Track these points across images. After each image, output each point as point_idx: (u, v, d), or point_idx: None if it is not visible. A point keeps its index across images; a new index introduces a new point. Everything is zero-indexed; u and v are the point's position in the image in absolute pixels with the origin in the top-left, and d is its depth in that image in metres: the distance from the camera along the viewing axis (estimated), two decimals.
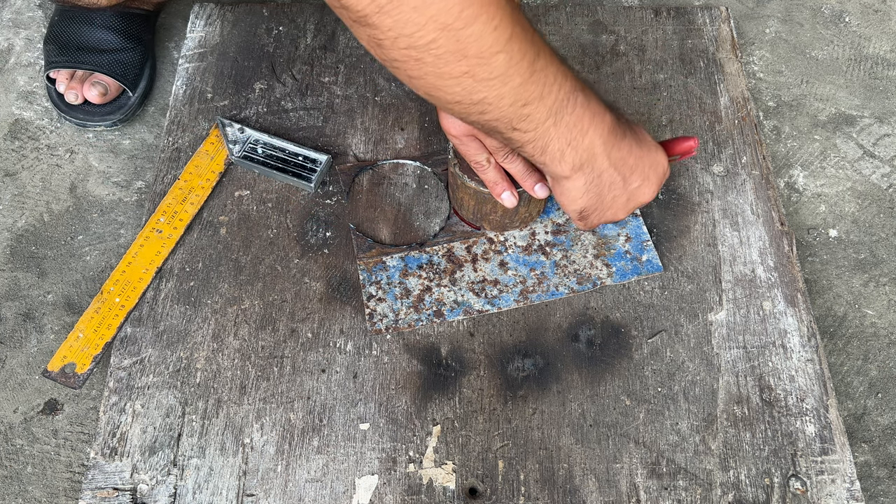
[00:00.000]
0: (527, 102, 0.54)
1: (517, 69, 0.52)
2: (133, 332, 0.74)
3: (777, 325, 0.76)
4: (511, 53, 0.51)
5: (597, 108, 0.59)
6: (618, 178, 0.63)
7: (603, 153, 0.61)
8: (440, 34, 0.48)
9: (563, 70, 0.56)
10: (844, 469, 0.69)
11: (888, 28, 1.05)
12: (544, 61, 0.54)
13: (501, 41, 0.50)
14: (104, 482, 0.67)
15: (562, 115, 0.57)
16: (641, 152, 0.64)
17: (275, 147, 0.85)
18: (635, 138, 0.64)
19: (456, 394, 0.72)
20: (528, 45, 0.52)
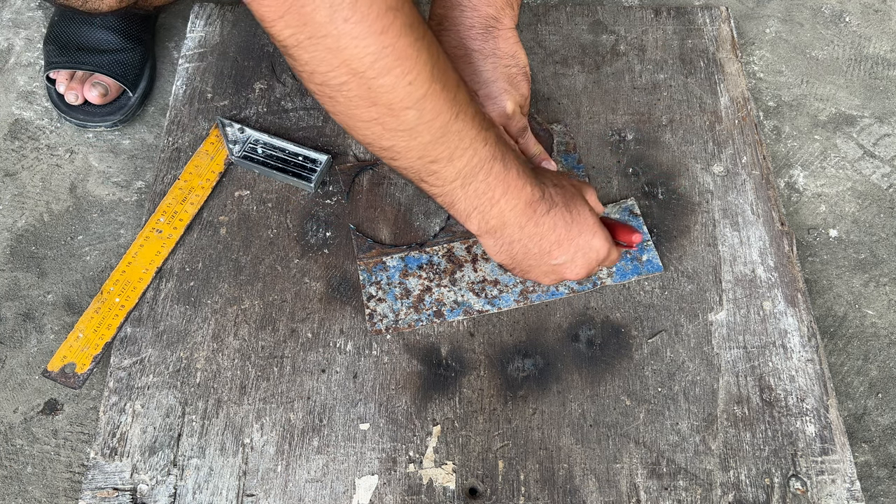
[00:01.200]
0: (434, 160, 0.54)
1: (427, 127, 0.52)
2: (133, 332, 0.74)
3: (777, 325, 0.76)
4: (422, 111, 0.50)
5: (515, 180, 0.58)
6: (533, 249, 0.62)
7: (515, 224, 0.60)
8: (352, 79, 0.48)
9: (484, 136, 0.55)
10: (845, 469, 0.69)
11: (888, 28, 1.05)
12: (462, 124, 0.53)
13: (414, 97, 0.49)
14: (104, 482, 0.67)
15: (471, 181, 0.56)
16: (569, 233, 0.62)
17: (275, 147, 0.85)
18: (565, 217, 0.61)
19: (456, 394, 0.72)
20: (444, 106, 0.51)
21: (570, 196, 0.62)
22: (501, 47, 0.66)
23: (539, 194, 0.60)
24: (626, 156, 0.86)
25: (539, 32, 0.96)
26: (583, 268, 0.64)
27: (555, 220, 0.61)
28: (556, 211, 0.61)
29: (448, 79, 0.51)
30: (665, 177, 0.85)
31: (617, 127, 0.89)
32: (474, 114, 0.54)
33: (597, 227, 0.63)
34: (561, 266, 0.64)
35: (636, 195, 0.83)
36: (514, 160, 0.58)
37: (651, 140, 0.88)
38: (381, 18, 0.46)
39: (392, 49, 0.47)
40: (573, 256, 0.63)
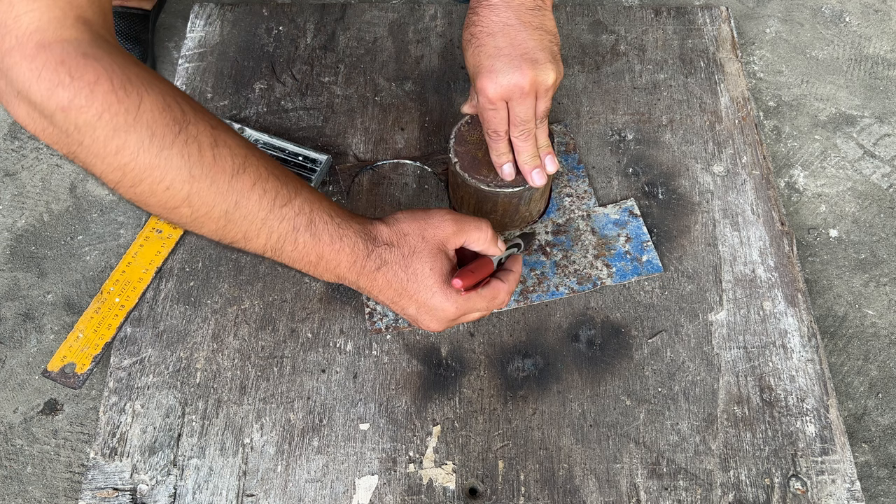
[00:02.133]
0: (234, 241, 0.57)
1: (206, 218, 0.55)
2: (133, 332, 0.74)
3: (777, 325, 0.76)
4: (193, 207, 0.54)
5: (328, 246, 0.59)
6: (384, 301, 0.64)
7: (350, 279, 0.62)
8: (122, 178, 0.52)
9: (280, 213, 0.57)
10: (845, 469, 0.69)
11: (888, 28, 1.05)
12: (245, 210, 0.55)
13: (178, 198, 0.53)
14: (104, 482, 0.67)
15: (280, 252, 0.59)
16: (406, 290, 0.62)
17: (275, 147, 0.85)
18: (398, 275, 0.62)
19: (456, 394, 0.72)
20: (216, 199, 0.54)
21: (409, 253, 0.62)
22: (547, 24, 0.68)
23: (364, 254, 0.61)
24: (626, 156, 0.86)
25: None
26: (434, 322, 0.64)
27: (387, 278, 0.62)
28: (387, 269, 0.62)
29: (218, 172, 0.53)
30: (665, 177, 0.85)
31: (617, 127, 0.89)
32: (261, 196, 0.55)
33: (435, 287, 0.62)
34: (415, 318, 0.64)
35: (636, 195, 0.83)
36: (327, 226, 0.59)
37: (651, 140, 0.88)
38: (111, 141, 0.49)
39: (132, 166, 0.50)
40: (418, 311, 0.63)
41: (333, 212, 0.60)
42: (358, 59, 0.93)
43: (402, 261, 0.62)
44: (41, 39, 0.47)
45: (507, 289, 0.66)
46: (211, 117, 0.54)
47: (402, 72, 0.92)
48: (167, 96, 0.51)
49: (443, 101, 0.90)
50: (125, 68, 0.49)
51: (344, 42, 0.94)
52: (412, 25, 0.96)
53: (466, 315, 0.65)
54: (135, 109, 0.49)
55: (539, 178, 0.71)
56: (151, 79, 0.51)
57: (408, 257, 0.62)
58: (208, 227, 0.56)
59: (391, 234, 0.63)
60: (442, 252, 0.63)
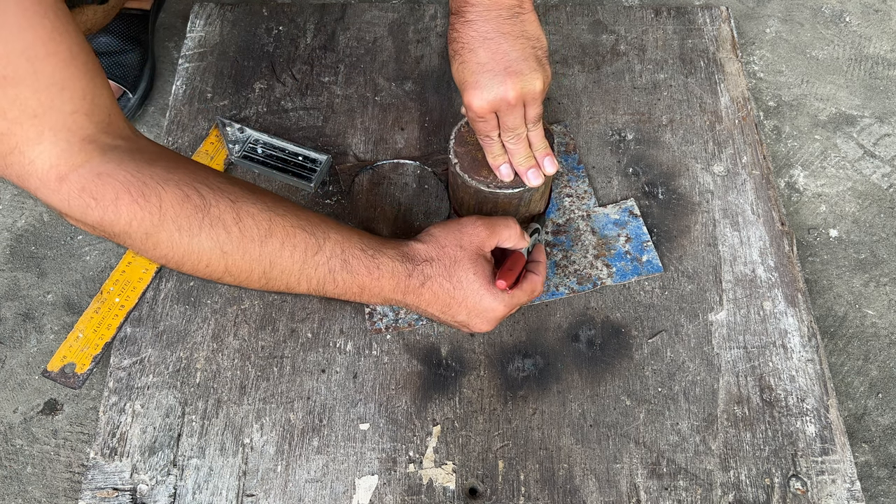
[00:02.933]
0: (280, 290, 0.63)
1: (249, 281, 0.61)
2: (133, 332, 0.74)
3: (777, 325, 0.76)
4: (234, 274, 0.60)
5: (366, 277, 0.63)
6: (434, 313, 0.67)
7: (400, 299, 0.66)
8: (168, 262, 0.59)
9: (314, 262, 0.61)
10: (845, 469, 0.69)
11: (888, 28, 1.05)
12: (281, 269, 0.61)
13: (219, 271, 0.59)
14: (104, 482, 0.67)
15: (324, 292, 0.64)
16: (454, 299, 0.65)
17: (275, 147, 0.85)
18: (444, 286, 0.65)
19: (456, 394, 0.72)
20: (250, 265, 0.59)
21: (449, 265, 0.65)
22: (528, 30, 0.68)
23: (406, 274, 0.64)
24: (626, 156, 0.86)
25: None
26: (486, 323, 0.67)
27: (434, 291, 0.65)
28: (431, 283, 0.65)
29: (247, 242, 0.58)
30: (665, 177, 0.85)
31: (617, 127, 0.89)
32: (292, 252, 0.60)
33: (483, 290, 0.65)
34: (466, 323, 0.67)
35: (636, 195, 0.83)
36: (361, 260, 0.63)
37: (651, 140, 0.88)
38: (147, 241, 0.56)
39: (171, 255, 0.57)
40: (469, 316, 0.66)
41: (365, 244, 0.64)
42: (358, 59, 0.93)
43: (445, 272, 0.65)
44: (58, 174, 0.52)
45: (541, 279, 0.69)
46: (231, 189, 0.58)
47: (402, 72, 0.92)
48: (184, 186, 0.56)
49: (443, 101, 0.90)
50: (139, 173, 0.54)
51: (344, 42, 0.94)
52: (412, 25, 0.96)
53: (512, 310, 0.68)
54: (157, 211, 0.55)
55: (535, 177, 0.71)
56: (167, 173, 0.55)
57: (450, 268, 0.65)
58: (253, 285, 0.62)
59: (429, 250, 0.66)
60: (481, 256, 0.66)
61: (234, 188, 0.59)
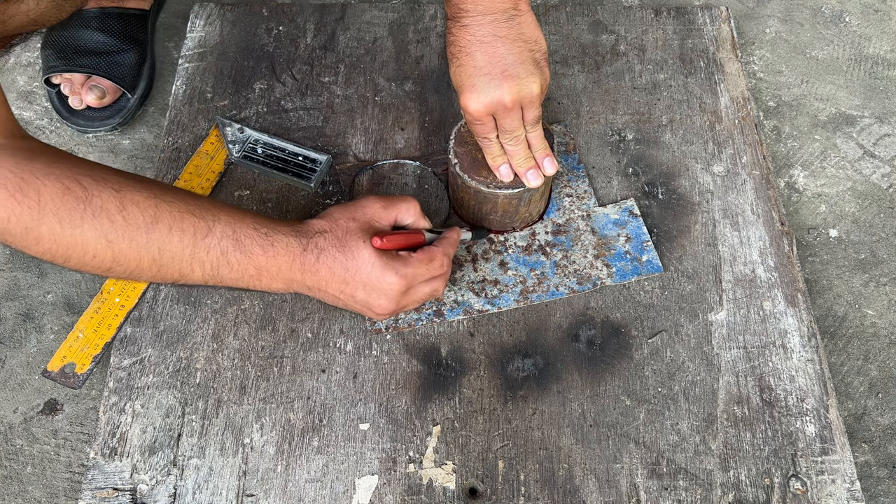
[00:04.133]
0: (175, 280, 0.61)
1: (140, 270, 0.59)
2: (133, 332, 0.74)
3: (777, 325, 0.76)
4: (122, 264, 0.58)
5: (261, 256, 0.62)
6: (334, 293, 0.65)
7: (295, 280, 0.64)
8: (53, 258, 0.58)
9: (205, 245, 0.60)
10: (845, 469, 0.69)
11: (888, 28, 1.05)
12: (171, 254, 0.59)
13: (106, 263, 0.58)
14: (104, 482, 0.67)
15: (221, 277, 0.62)
16: (348, 272, 0.64)
17: (275, 147, 0.85)
18: (337, 258, 0.63)
19: (456, 394, 0.72)
20: (138, 253, 0.58)
21: (341, 235, 0.64)
22: (525, 32, 0.68)
23: (300, 249, 0.63)
24: (626, 156, 0.86)
25: None
26: (385, 298, 0.65)
27: (329, 266, 0.63)
28: (325, 256, 0.63)
29: (132, 230, 0.57)
30: (665, 177, 0.85)
31: (617, 127, 0.89)
32: (180, 237, 0.59)
33: (374, 258, 0.63)
34: (366, 301, 0.65)
35: (636, 195, 0.83)
36: (254, 239, 0.62)
37: (651, 140, 0.88)
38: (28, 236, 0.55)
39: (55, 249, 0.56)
40: (367, 292, 0.65)
41: (258, 223, 0.63)
42: (358, 59, 0.93)
43: (337, 242, 0.64)
44: None
45: (443, 251, 0.67)
46: (116, 179, 0.58)
47: (402, 72, 0.92)
48: (65, 179, 0.55)
49: (443, 101, 0.90)
50: (18, 169, 0.54)
51: (344, 42, 0.94)
52: (412, 25, 0.96)
53: (413, 288, 0.66)
54: (36, 206, 0.54)
55: (534, 178, 0.71)
56: (47, 167, 0.55)
57: (342, 238, 0.64)
58: (146, 275, 0.60)
59: (322, 224, 0.65)
60: (373, 227, 0.65)
61: (119, 178, 0.58)
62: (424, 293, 0.68)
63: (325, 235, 0.64)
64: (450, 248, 0.69)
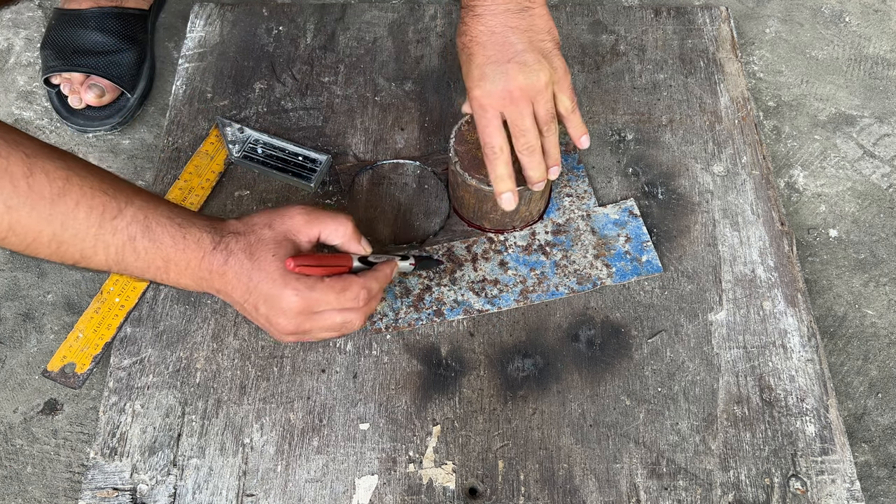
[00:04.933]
0: (76, 261, 0.57)
1: (37, 244, 0.55)
2: (133, 332, 0.74)
3: (777, 325, 0.76)
4: (19, 236, 0.54)
5: (171, 248, 0.58)
6: (239, 300, 0.61)
7: (206, 278, 0.60)
8: None
9: (111, 227, 0.56)
10: (844, 469, 0.69)
11: (888, 28, 1.05)
12: (74, 231, 0.55)
13: (2, 230, 0.53)
14: (104, 482, 0.67)
15: (125, 266, 0.58)
16: (251, 282, 0.60)
17: (275, 147, 0.85)
18: (244, 265, 0.59)
19: (456, 394, 0.72)
20: (37, 226, 0.54)
21: (254, 241, 0.60)
22: (537, 24, 0.68)
23: (211, 246, 0.59)
24: (626, 156, 0.86)
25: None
26: (283, 318, 0.61)
27: (235, 270, 0.60)
28: (234, 260, 0.60)
29: (36, 199, 0.53)
30: (665, 177, 0.85)
31: (617, 127, 0.89)
32: (87, 213, 0.55)
33: (276, 274, 0.59)
34: (268, 317, 0.61)
35: (636, 195, 0.84)
36: (166, 228, 0.58)
37: (651, 140, 0.88)
38: None
39: None
40: (267, 306, 0.61)
41: (174, 213, 0.59)
42: (358, 59, 0.93)
43: (247, 248, 0.60)
44: None
45: (364, 283, 0.62)
46: (29, 145, 0.54)
47: (402, 72, 0.92)
48: None
49: (443, 101, 0.90)
50: None
51: (344, 42, 0.94)
52: (412, 25, 0.96)
53: (319, 315, 0.61)
54: None
55: (541, 185, 0.71)
56: None
57: (253, 245, 0.60)
58: (42, 251, 0.56)
59: (238, 225, 0.61)
60: (289, 241, 0.61)
61: (34, 145, 0.55)
62: (333, 323, 0.63)
63: (237, 238, 0.60)
64: (373, 283, 0.64)
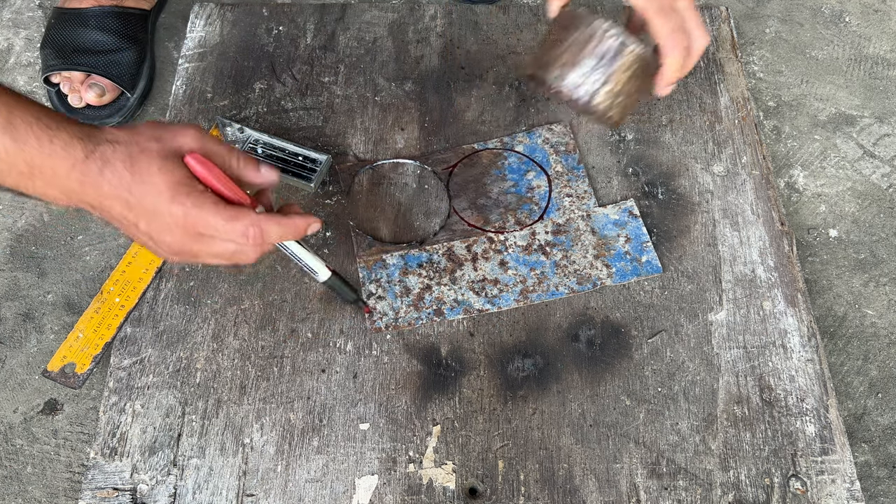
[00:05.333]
0: None
1: None
2: (133, 332, 0.74)
3: (777, 325, 0.76)
4: None
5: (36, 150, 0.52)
6: (118, 217, 0.56)
7: (77, 190, 0.54)
8: None
9: None
10: (844, 469, 0.69)
11: (888, 28, 1.05)
12: None
13: None
14: (104, 482, 0.67)
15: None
16: (133, 195, 0.54)
17: (275, 147, 0.85)
18: (124, 177, 0.54)
19: (456, 394, 0.72)
20: None
21: (136, 153, 0.54)
22: None
23: (83, 154, 0.53)
24: (626, 156, 0.86)
25: (539, 32, 0.96)
26: (168, 235, 0.55)
27: (112, 184, 0.54)
28: (111, 171, 0.53)
29: None
30: (665, 177, 0.85)
31: None
32: None
33: (162, 187, 0.54)
34: (151, 235, 0.56)
35: (636, 195, 0.84)
36: (32, 127, 0.52)
37: (651, 140, 0.88)
38: None
39: None
40: (151, 224, 0.55)
41: (43, 114, 0.53)
42: (358, 59, 0.93)
43: (128, 159, 0.54)
44: None
45: (258, 221, 0.57)
46: None
47: (402, 72, 0.92)
48: None
49: (443, 101, 0.90)
50: None
51: (344, 42, 0.94)
52: (412, 25, 0.96)
53: (209, 238, 0.57)
54: None
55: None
56: None
57: (135, 156, 0.54)
58: None
59: (119, 134, 0.55)
60: (178, 158, 0.55)
61: None
62: (224, 250, 0.58)
63: (116, 147, 0.54)
64: (272, 226, 0.58)
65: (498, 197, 0.83)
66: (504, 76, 0.92)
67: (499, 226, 0.81)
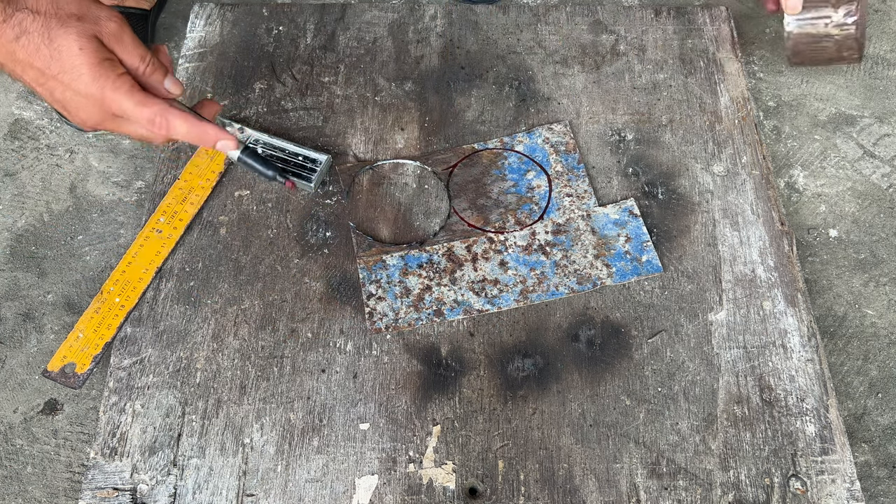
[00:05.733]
0: None
1: None
2: (133, 332, 0.74)
3: (777, 325, 0.76)
4: None
5: None
6: (30, 82, 0.56)
7: None
8: None
9: None
10: (844, 469, 0.69)
11: (888, 28, 1.05)
12: None
13: None
14: (104, 482, 0.67)
15: None
16: (50, 68, 0.54)
17: (275, 147, 0.85)
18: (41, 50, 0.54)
19: (456, 394, 0.72)
20: None
21: (54, 26, 0.54)
22: None
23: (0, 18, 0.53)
24: (626, 156, 0.86)
25: (539, 32, 0.96)
26: (87, 116, 0.57)
27: (28, 52, 0.54)
28: (27, 41, 0.54)
29: None
30: (665, 177, 0.85)
31: (617, 127, 0.89)
32: None
33: (84, 69, 0.54)
34: (66, 106, 0.57)
35: (636, 195, 0.84)
36: None
37: (651, 140, 0.88)
38: None
39: None
40: (67, 95, 0.56)
41: None
42: (358, 59, 0.93)
43: (46, 33, 0.54)
44: None
45: (168, 113, 0.58)
46: None
47: (402, 72, 0.92)
48: None
49: (443, 101, 0.90)
50: None
51: (344, 42, 0.95)
52: (412, 25, 0.96)
53: (123, 120, 0.58)
54: None
55: None
56: None
57: (54, 30, 0.54)
58: None
59: (40, 4, 0.55)
60: (95, 38, 0.55)
61: None
62: (134, 132, 0.60)
63: (35, 17, 0.54)
64: (181, 124, 0.59)
65: (498, 197, 0.83)
66: (504, 76, 0.92)
67: (499, 226, 0.81)
